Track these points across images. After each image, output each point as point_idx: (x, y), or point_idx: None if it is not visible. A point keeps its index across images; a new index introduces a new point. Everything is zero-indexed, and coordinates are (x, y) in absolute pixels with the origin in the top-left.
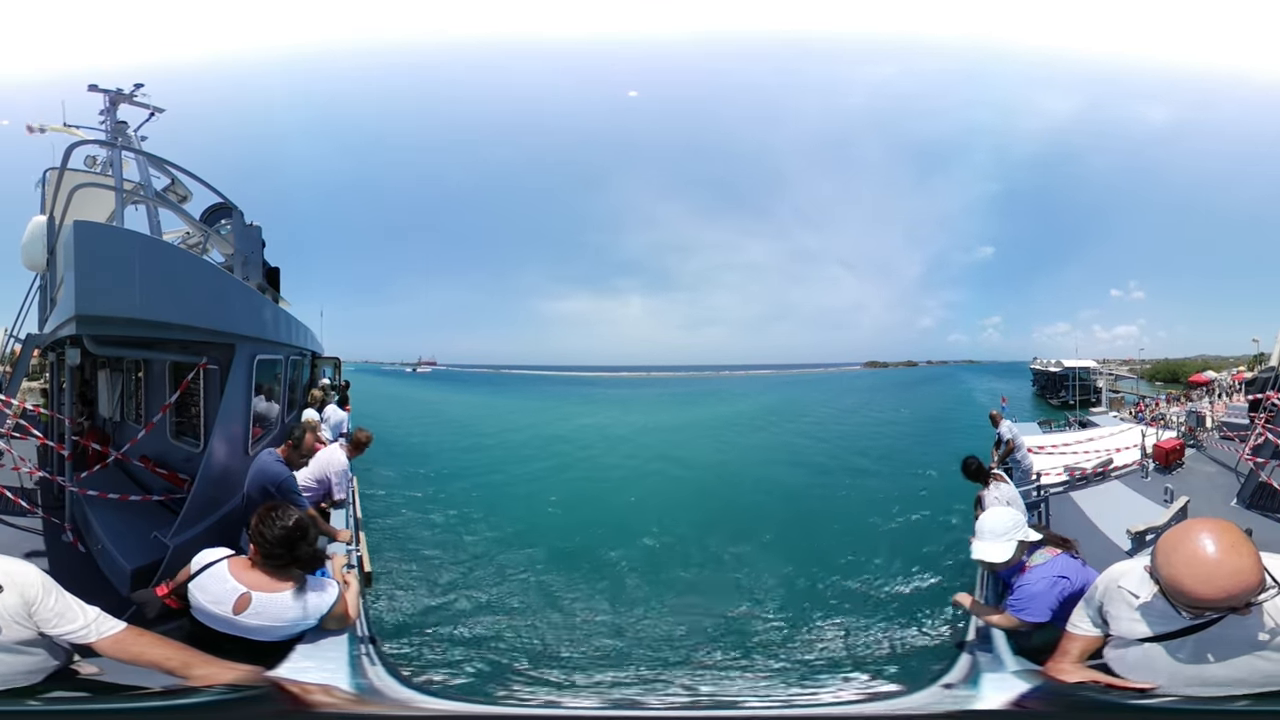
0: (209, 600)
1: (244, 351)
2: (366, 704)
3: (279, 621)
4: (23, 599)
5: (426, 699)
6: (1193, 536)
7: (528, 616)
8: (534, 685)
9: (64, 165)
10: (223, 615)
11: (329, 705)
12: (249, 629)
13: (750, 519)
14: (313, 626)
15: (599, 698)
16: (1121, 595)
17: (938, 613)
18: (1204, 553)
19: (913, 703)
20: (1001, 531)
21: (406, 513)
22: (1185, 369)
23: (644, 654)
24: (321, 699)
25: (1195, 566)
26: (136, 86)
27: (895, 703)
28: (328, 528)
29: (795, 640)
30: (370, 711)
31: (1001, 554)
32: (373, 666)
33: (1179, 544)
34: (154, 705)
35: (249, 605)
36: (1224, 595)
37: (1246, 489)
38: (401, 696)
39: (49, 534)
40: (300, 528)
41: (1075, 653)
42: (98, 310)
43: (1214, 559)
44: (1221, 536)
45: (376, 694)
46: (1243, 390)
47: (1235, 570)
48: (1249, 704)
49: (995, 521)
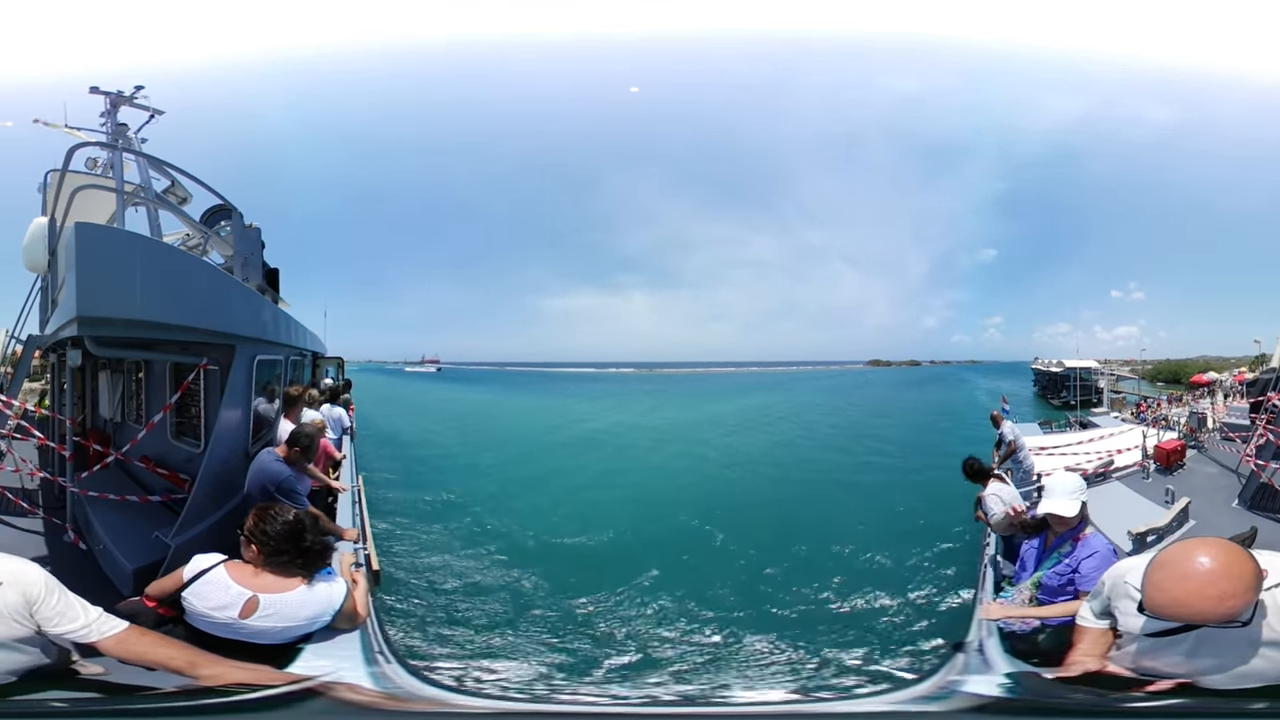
0: (211, 607)
1: (244, 352)
2: (400, 702)
3: (291, 622)
4: (24, 597)
5: (453, 695)
6: (1186, 559)
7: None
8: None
9: (65, 167)
10: (227, 621)
11: (370, 704)
12: (259, 632)
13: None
14: (325, 625)
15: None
16: (1127, 591)
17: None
18: (1190, 576)
19: (906, 700)
20: (1071, 490)
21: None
22: (1187, 369)
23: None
24: (355, 698)
25: (1176, 588)
26: (137, 89)
27: (889, 698)
28: (333, 526)
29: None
30: (401, 709)
31: (1072, 509)
32: (389, 664)
33: (1169, 562)
34: (179, 705)
35: (257, 609)
36: (1197, 618)
37: (1248, 490)
38: (426, 694)
39: (50, 534)
40: (299, 521)
41: (1085, 646)
42: (99, 311)
43: (1195, 587)
44: (1215, 563)
45: (402, 691)
46: (1244, 391)
47: (1217, 596)
48: (1265, 704)
49: (1065, 481)
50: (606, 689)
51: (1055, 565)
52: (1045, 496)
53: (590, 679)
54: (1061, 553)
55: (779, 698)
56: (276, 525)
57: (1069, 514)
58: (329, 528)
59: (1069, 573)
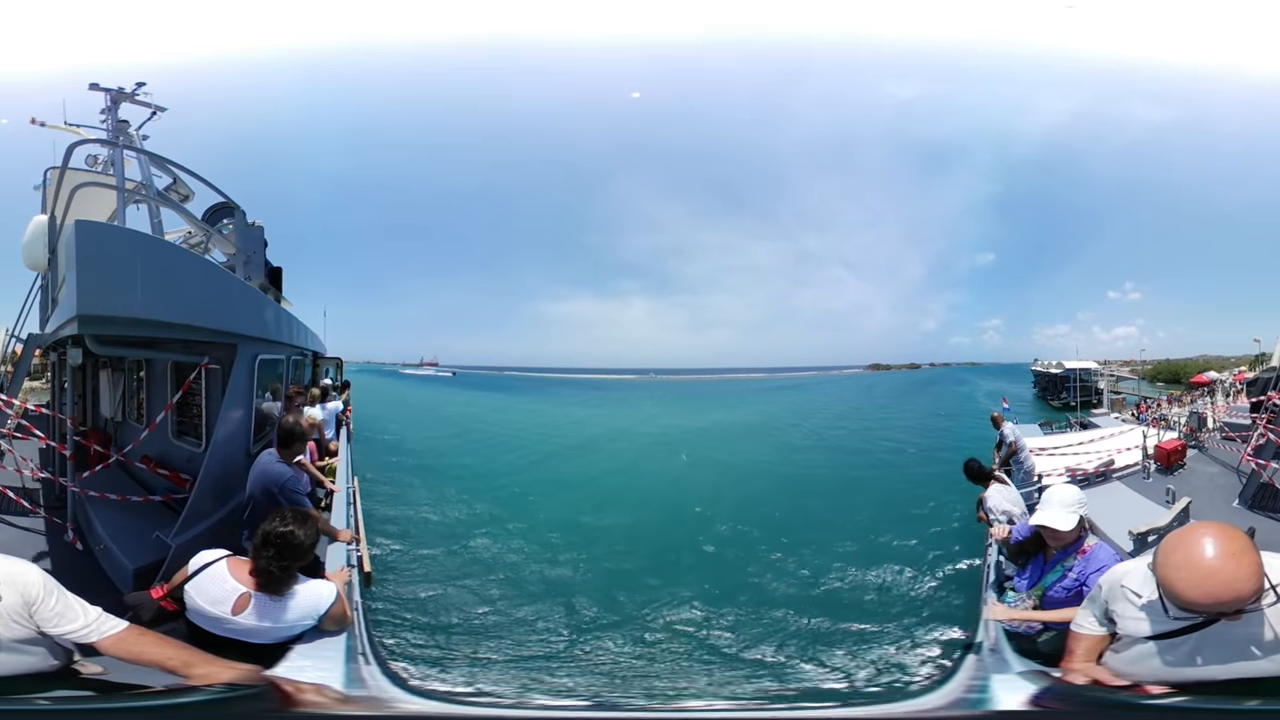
0: (207, 601)
1: (246, 351)
2: (356, 704)
3: (277, 623)
4: (23, 599)
5: (415, 700)
6: (1192, 541)
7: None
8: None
9: (65, 164)
10: (219, 616)
11: (319, 705)
12: (246, 630)
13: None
14: (311, 628)
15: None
16: (1125, 594)
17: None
18: (1199, 558)
19: (923, 705)
20: (1070, 502)
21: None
22: (1187, 369)
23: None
24: (313, 698)
25: (1187, 571)
26: (138, 85)
27: (904, 704)
28: (329, 528)
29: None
30: (358, 712)
31: (1069, 523)
32: (367, 666)
33: (1177, 546)
34: (155, 704)
35: (248, 605)
36: (1211, 602)
37: (1248, 490)
38: (390, 696)
39: (51, 534)
40: (294, 536)
41: (1081, 652)
42: (100, 310)
43: (1208, 566)
44: (1220, 544)
45: (368, 693)
46: (1244, 391)
47: (1227, 580)
48: (1259, 704)
49: (1064, 493)
50: (596, 694)
51: (1060, 578)
52: (1041, 507)
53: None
54: (1065, 565)
55: (782, 699)
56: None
57: (1064, 528)
58: (325, 529)
59: (1077, 586)
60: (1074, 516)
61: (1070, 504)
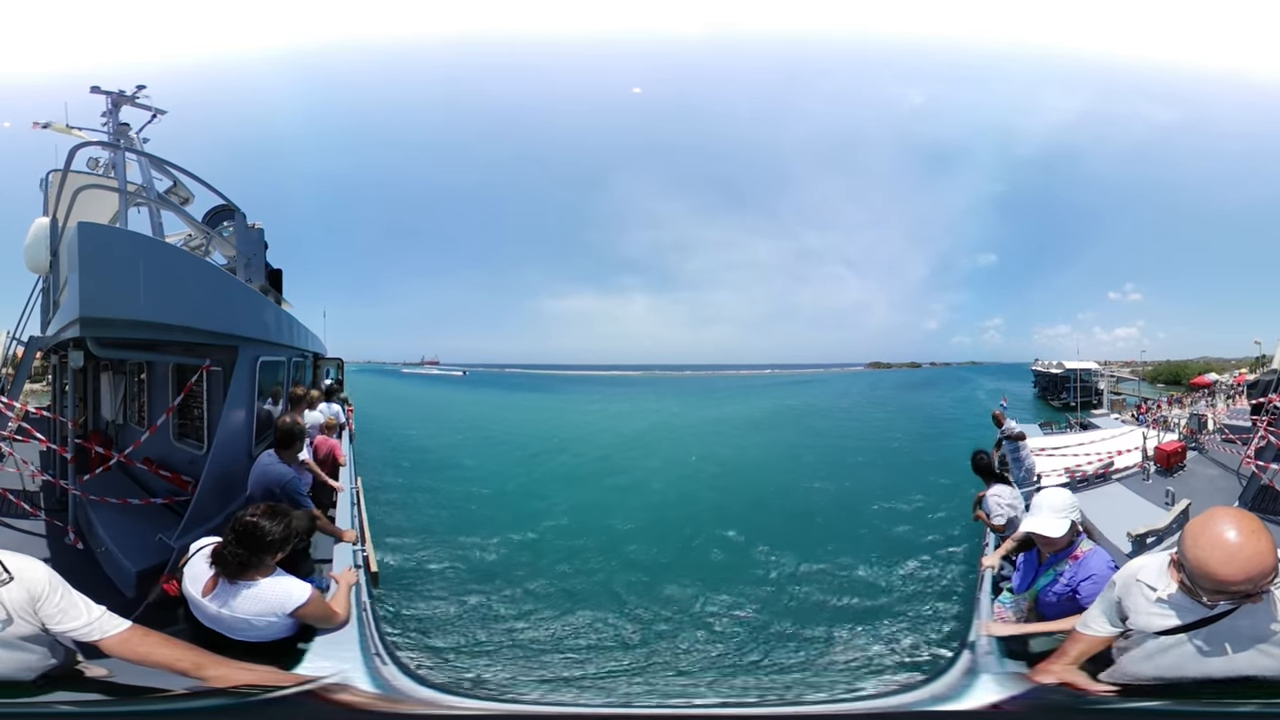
0: (189, 580)
1: (247, 353)
2: (399, 703)
3: (235, 611)
4: (29, 594)
5: (450, 697)
6: (1215, 522)
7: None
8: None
9: (67, 167)
10: (194, 596)
11: (366, 705)
12: (214, 617)
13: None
14: (287, 625)
15: (605, 695)
16: (1140, 589)
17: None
18: (1227, 537)
19: (900, 703)
20: (1060, 508)
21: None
22: (1187, 371)
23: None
24: (348, 699)
25: (1219, 549)
26: (139, 88)
27: (888, 701)
28: (333, 528)
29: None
30: (401, 710)
31: (1059, 529)
32: (385, 666)
33: (1203, 529)
34: (182, 708)
35: (214, 589)
36: (1244, 577)
37: (1248, 492)
38: (425, 695)
39: (52, 537)
40: (258, 526)
41: (1074, 654)
42: (101, 312)
43: (1236, 542)
44: (1244, 522)
45: (396, 693)
46: (1245, 393)
47: (1255, 553)
48: (1257, 705)
49: (1055, 498)
50: (613, 691)
51: (1052, 583)
52: (1031, 512)
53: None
54: (1058, 570)
55: (779, 697)
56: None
57: (1054, 534)
58: (328, 529)
59: (1068, 592)
60: (1064, 522)
61: (1060, 509)
